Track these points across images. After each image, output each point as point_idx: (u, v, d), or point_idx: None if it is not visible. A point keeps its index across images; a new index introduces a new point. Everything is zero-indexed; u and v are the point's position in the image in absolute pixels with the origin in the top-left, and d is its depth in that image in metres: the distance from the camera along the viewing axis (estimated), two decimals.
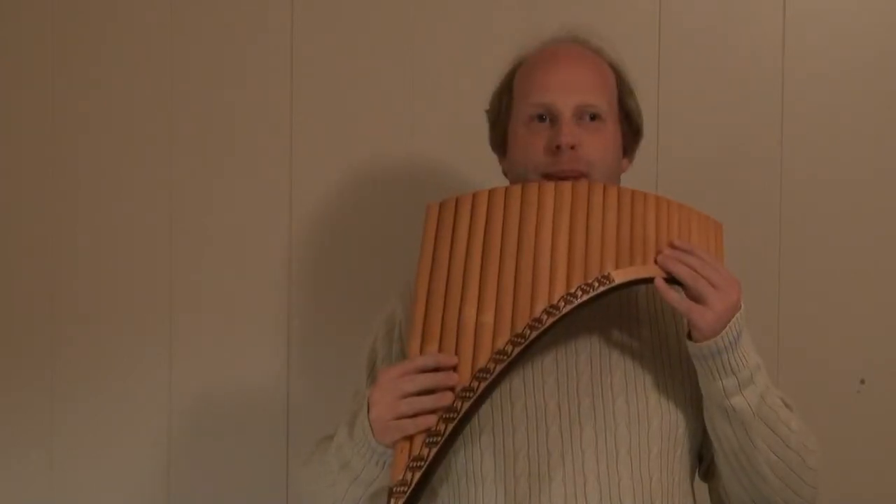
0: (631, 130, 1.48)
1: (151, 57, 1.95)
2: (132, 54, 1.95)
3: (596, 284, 1.26)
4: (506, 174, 1.50)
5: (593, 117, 1.40)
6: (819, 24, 1.88)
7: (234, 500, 1.94)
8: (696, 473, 1.45)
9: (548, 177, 1.37)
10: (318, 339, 1.94)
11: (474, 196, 1.33)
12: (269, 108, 1.94)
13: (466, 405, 1.21)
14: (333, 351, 1.92)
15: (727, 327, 1.26)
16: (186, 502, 1.96)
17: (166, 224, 1.95)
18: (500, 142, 1.50)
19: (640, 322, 1.40)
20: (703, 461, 1.43)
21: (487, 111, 1.53)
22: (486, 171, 1.55)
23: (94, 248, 1.96)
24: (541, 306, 1.24)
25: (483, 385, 1.21)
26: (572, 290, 1.25)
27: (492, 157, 1.53)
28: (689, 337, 1.29)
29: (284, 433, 1.93)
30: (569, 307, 1.24)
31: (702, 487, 1.47)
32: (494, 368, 1.21)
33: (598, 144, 1.40)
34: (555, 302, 1.24)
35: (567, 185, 1.32)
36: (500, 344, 1.23)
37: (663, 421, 1.34)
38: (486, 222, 1.30)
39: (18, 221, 1.97)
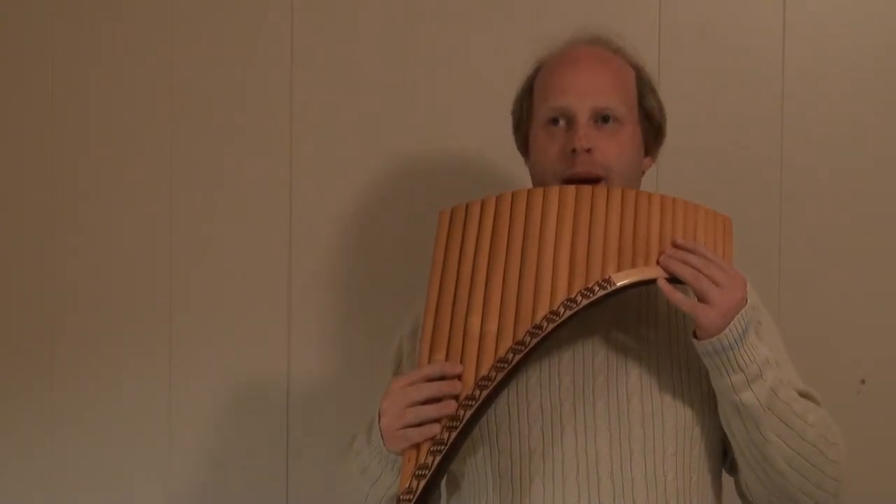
0: (652, 129, 1.48)
1: (151, 57, 1.95)
2: (132, 54, 1.95)
3: (597, 289, 1.26)
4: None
5: (610, 120, 1.40)
6: (819, 23, 1.88)
7: (235, 499, 1.95)
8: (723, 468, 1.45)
9: (567, 181, 1.38)
10: (318, 337, 1.94)
11: (483, 203, 1.33)
12: (270, 109, 1.94)
13: (469, 413, 1.21)
14: (334, 349, 1.92)
15: (731, 324, 1.26)
16: (187, 501, 1.96)
17: (166, 223, 1.94)
18: (524, 144, 1.50)
19: (657, 322, 1.40)
20: (728, 456, 1.43)
21: (512, 113, 1.53)
22: (487, 170, 1.55)
23: (94, 248, 1.96)
24: (542, 313, 1.25)
25: (485, 393, 1.22)
26: (573, 296, 1.26)
27: (494, 158, 1.53)
28: (695, 335, 1.29)
29: (285, 432, 1.93)
30: (569, 312, 1.24)
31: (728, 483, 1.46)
32: (496, 377, 1.22)
33: (614, 148, 1.40)
34: (556, 308, 1.25)
35: (571, 190, 1.33)
36: (503, 352, 1.23)
37: (678, 420, 1.35)
38: (493, 228, 1.31)
39: (18, 221, 1.97)
